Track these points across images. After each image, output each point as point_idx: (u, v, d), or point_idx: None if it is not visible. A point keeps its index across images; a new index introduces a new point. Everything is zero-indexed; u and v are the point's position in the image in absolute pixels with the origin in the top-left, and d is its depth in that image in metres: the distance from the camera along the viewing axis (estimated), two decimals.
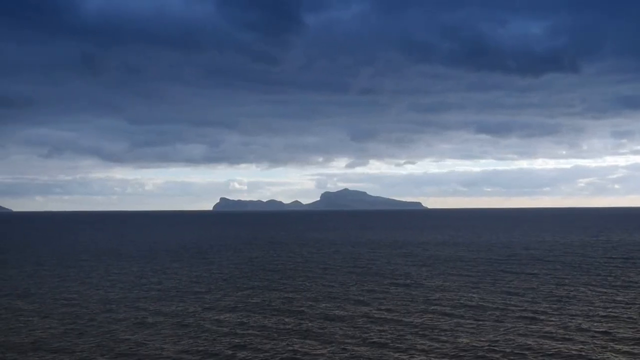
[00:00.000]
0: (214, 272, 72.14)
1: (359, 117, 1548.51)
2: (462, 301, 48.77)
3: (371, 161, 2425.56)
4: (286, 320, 41.89)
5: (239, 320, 42.26)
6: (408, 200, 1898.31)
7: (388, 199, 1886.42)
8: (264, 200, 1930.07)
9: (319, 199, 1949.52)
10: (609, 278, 63.16)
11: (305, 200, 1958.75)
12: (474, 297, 50.58)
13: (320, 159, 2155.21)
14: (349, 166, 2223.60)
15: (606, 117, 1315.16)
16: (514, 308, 45.56)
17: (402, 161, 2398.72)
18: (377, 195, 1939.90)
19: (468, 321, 40.94)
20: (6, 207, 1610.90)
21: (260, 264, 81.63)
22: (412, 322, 40.95)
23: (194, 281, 63.44)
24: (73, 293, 55.42)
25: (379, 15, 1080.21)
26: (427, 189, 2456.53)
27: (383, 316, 43.00)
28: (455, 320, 41.12)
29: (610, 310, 44.71)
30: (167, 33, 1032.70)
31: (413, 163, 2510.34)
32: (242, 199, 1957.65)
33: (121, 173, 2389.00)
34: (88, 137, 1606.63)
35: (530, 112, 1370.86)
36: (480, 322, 40.49)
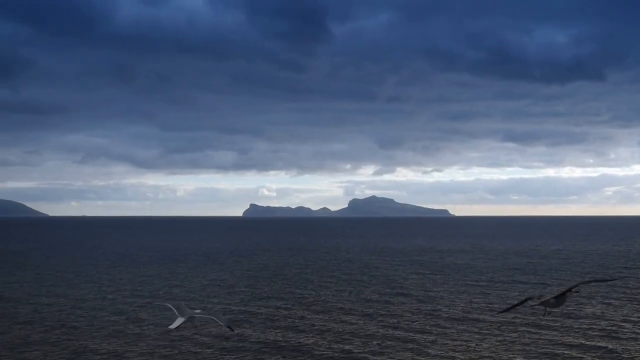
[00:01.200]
0: (222, 278, 72.61)
1: (386, 125, 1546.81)
2: (456, 311, 48.38)
3: (398, 169, 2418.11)
4: (271, 332, 41.46)
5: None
6: (435, 208, 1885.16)
7: (415, 206, 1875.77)
8: (293, 207, 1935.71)
9: (346, 205, 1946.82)
10: (623, 289, 62.10)
11: (333, 207, 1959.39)
12: (469, 308, 50.08)
13: (348, 167, 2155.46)
14: (376, 173, 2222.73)
15: (633, 125, 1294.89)
16: (501, 320, 45.06)
17: (429, 169, 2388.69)
18: (404, 202, 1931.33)
19: (459, 333, 40.61)
20: (43, 211, 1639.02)
21: (271, 270, 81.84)
22: (387, 334, 39.68)
23: (196, 287, 63.93)
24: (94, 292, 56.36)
25: (405, 25, 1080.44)
26: (454, 196, 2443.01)
27: (365, 326, 42.34)
28: (442, 331, 40.43)
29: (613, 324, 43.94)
30: (197, 42, 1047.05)
31: (440, 171, 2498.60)
32: (271, 205, 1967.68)
33: (153, 179, 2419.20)
34: (121, 144, 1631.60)
35: (556, 120, 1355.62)
36: (472, 335, 40.15)
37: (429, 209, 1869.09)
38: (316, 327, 42.04)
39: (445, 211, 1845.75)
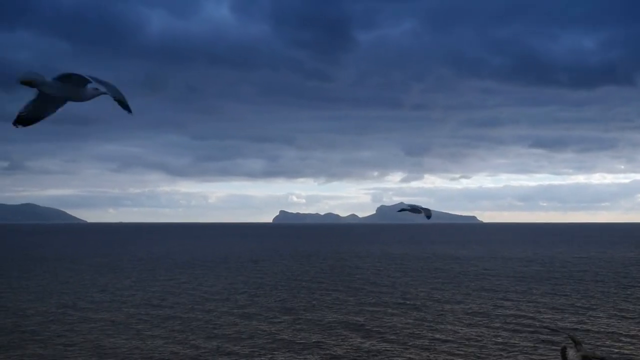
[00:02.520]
0: (234, 282, 74.48)
1: (413, 132, 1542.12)
2: (457, 323, 49.37)
3: (426, 175, 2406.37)
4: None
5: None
6: (463, 214, 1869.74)
7: (443, 212, 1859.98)
8: (322, 214, 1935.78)
9: (374, 212, 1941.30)
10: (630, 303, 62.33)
11: (362, 214, 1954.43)
12: (471, 320, 50.90)
13: (376, 174, 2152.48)
14: (403, 180, 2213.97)
15: None
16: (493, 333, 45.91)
17: (457, 175, 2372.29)
18: (433, 208, 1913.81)
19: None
20: (82, 218, 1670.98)
21: (284, 276, 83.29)
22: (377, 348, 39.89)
23: (202, 292, 65.84)
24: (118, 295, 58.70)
25: (429, 32, 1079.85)
26: (482, 203, 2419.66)
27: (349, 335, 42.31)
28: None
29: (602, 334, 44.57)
30: (225, 53, 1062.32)
31: (468, 177, 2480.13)
32: (301, 212, 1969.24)
33: (186, 187, 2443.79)
34: (155, 153, 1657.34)
35: (585, 126, 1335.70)
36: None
37: (457, 215, 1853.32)
38: (323, 329, 43.54)
39: (474, 217, 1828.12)
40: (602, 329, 43.99)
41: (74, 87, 12.90)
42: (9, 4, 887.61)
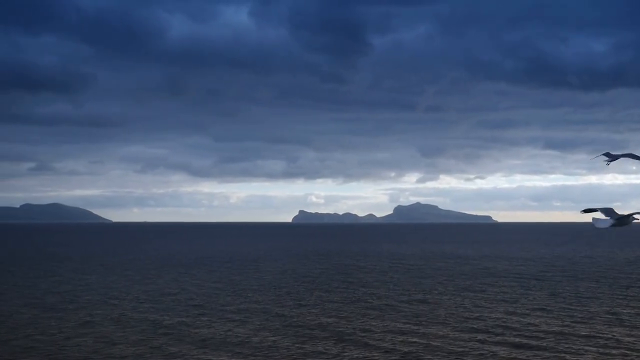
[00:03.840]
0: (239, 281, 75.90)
1: (428, 134, 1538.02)
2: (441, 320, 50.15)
3: (441, 176, 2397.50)
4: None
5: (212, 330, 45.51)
6: (478, 214, 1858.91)
7: (459, 212, 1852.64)
8: (340, 213, 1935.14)
9: (392, 212, 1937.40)
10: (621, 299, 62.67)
11: (379, 214, 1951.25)
12: (462, 317, 51.42)
13: (392, 174, 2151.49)
14: (419, 181, 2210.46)
15: None
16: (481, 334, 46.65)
17: (472, 176, 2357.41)
18: (448, 209, 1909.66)
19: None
20: (107, 217, 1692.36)
21: (294, 274, 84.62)
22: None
23: (204, 291, 67.29)
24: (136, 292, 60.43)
25: (443, 36, 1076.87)
26: (497, 203, 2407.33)
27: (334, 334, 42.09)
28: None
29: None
30: (244, 57, 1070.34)
31: (483, 178, 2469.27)
32: (320, 211, 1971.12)
33: (208, 187, 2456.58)
34: (178, 154, 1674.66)
35: (597, 128, 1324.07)
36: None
37: (472, 215, 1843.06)
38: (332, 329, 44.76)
39: (489, 217, 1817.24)
40: (584, 332, 44.76)
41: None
42: (35, 9, 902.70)
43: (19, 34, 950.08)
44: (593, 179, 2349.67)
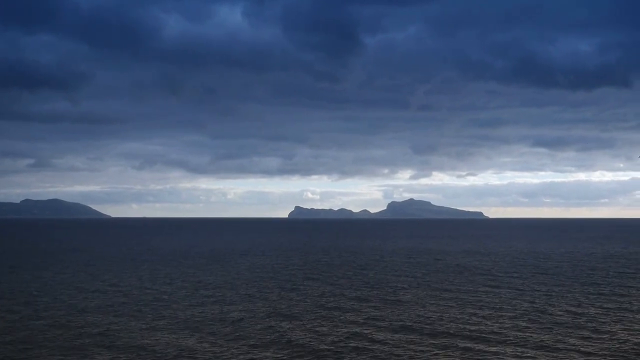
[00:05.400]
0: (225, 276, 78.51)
1: (420, 132, 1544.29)
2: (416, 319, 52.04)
3: (434, 173, 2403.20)
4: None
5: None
6: (470, 210, 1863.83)
7: (451, 208, 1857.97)
8: (335, 209, 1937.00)
9: (385, 208, 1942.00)
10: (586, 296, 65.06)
11: (373, 210, 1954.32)
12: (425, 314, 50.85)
13: (386, 171, 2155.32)
14: (413, 177, 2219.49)
15: None
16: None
17: (463, 173, 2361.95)
18: (441, 205, 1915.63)
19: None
20: (106, 213, 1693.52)
21: (274, 268, 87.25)
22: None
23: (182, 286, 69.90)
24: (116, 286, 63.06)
25: (434, 36, 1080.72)
26: (488, 199, 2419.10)
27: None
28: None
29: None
30: (239, 56, 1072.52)
31: (474, 175, 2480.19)
32: (315, 207, 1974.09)
33: (206, 183, 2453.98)
34: (176, 151, 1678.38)
35: (585, 126, 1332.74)
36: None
37: (464, 211, 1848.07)
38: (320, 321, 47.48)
39: (480, 213, 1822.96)
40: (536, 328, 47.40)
41: None
42: (33, 8, 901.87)
43: (17, 33, 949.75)
44: (582, 176, 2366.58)
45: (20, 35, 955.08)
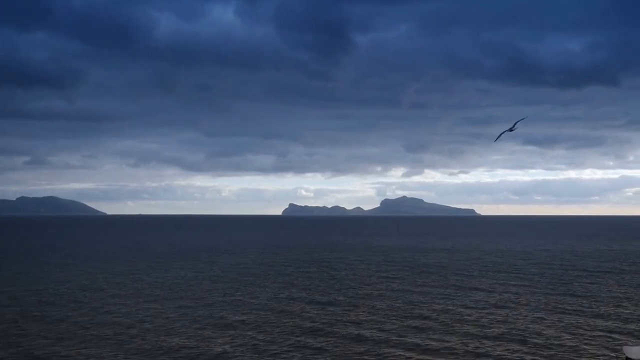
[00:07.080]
0: (209, 272, 79.48)
1: (413, 130, 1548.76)
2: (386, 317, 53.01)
3: (426, 171, 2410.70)
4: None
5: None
6: (462, 207, 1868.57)
7: (443, 206, 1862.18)
8: (329, 206, 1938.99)
9: (378, 205, 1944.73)
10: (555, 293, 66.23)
11: (367, 207, 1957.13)
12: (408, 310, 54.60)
13: (379, 169, 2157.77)
14: (405, 175, 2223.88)
15: None
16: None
17: (455, 171, 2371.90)
18: (433, 202, 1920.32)
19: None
20: (102, 210, 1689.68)
21: (256, 266, 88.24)
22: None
23: (167, 283, 70.96)
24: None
25: (425, 35, 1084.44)
26: (480, 196, 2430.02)
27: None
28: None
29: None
30: (232, 54, 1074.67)
31: (466, 172, 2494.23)
32: (309, 204, 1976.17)
33: (200, 181, 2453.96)
34: (171, 149, 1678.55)
35: (575, 124, 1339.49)
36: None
37: (456, 208, 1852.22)
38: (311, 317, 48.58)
39: (472, 210, 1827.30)
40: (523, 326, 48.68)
41: None
42: (27, 7, 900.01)
43: (11, 31, 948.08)
44: (572, 174, 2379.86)
45: (14, 34, 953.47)
